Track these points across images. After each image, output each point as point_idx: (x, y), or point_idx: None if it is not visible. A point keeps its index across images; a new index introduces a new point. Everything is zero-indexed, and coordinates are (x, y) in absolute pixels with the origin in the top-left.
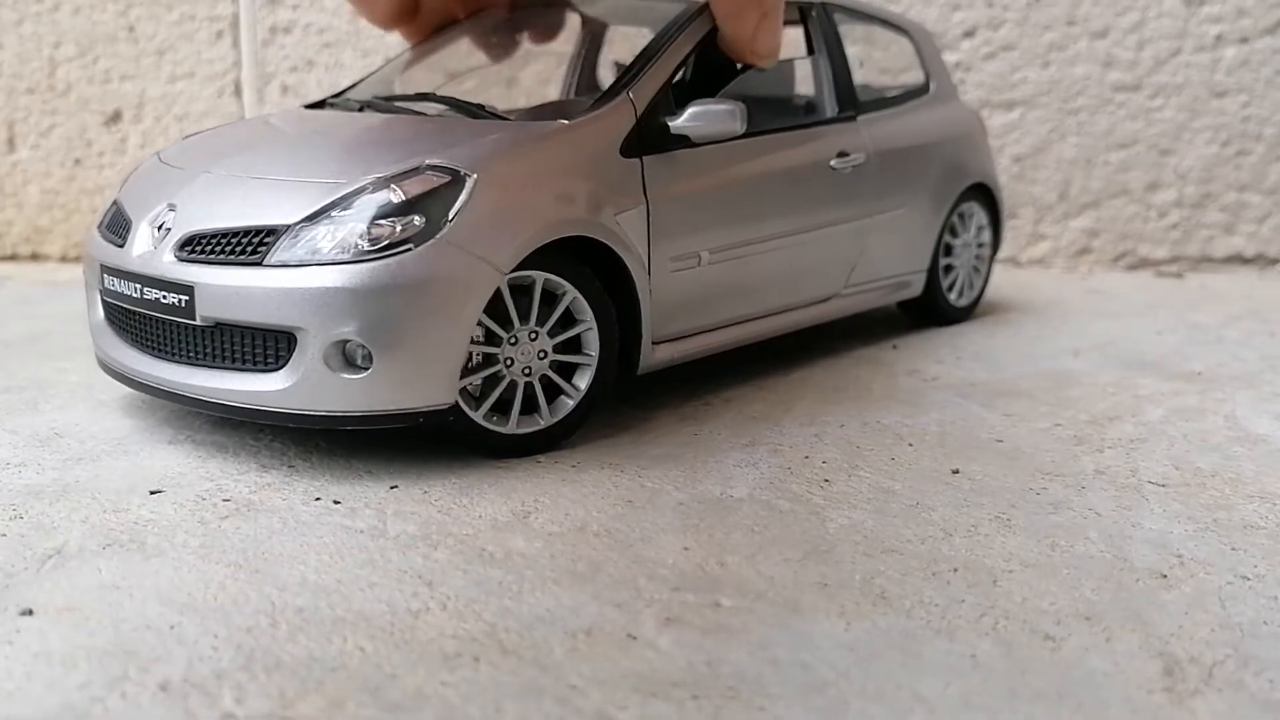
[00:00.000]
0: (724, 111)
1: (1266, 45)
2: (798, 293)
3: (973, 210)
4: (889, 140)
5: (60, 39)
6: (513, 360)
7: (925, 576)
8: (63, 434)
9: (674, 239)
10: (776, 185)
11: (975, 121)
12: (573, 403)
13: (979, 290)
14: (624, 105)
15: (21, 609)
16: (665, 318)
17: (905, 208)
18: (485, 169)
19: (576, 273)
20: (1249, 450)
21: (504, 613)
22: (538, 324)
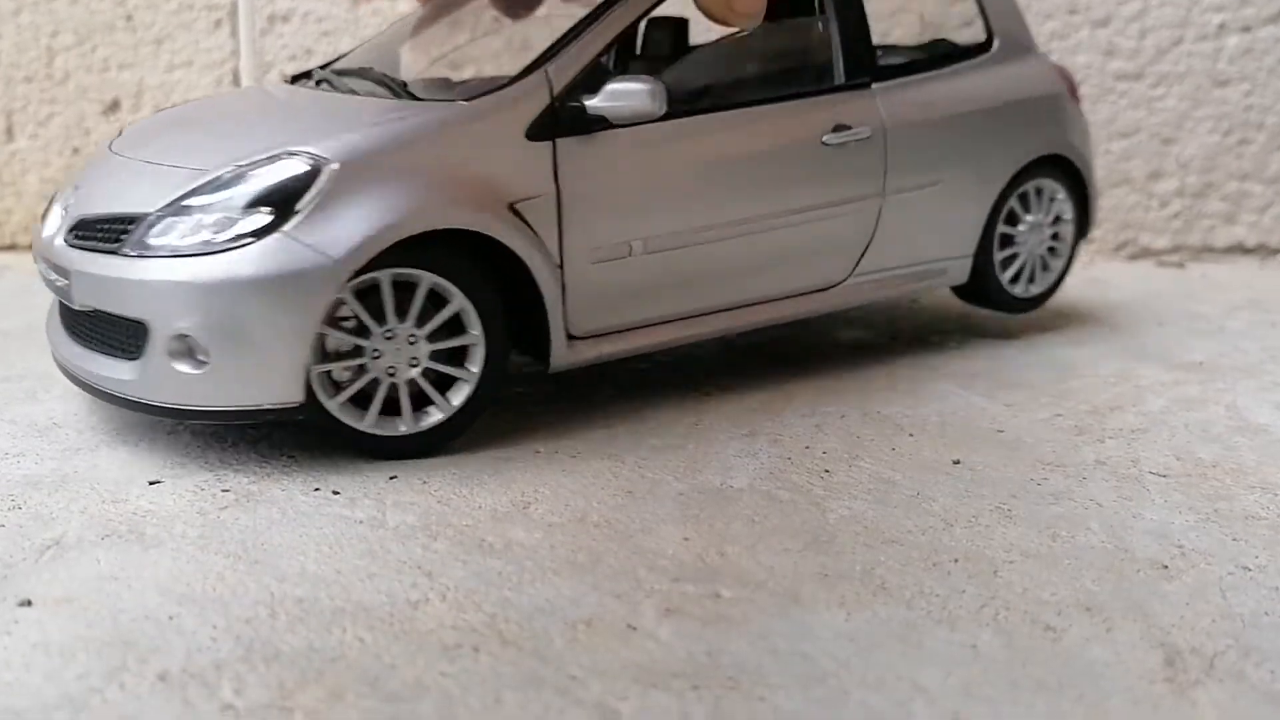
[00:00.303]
0: (639, 91)
1: (1269, 34)
2: (783, 282)
3: (1046, 187)
4: (915, 109)
5: (58, 28)
6: (380, 354)
7: (926, 567)
8: (61, 424)
9: (595, 228)
10: (740, 167)
11: (1054, 84)
12: (441, 416)
13: (1054, 280)
14: (538, 84)
15: (20, 599)
16: (588, 312)
17: (938, 185)
18: (348, 158)
19: (466, 273)
20: (1250, 440)
21: (504, 603)
22: (418, 325)
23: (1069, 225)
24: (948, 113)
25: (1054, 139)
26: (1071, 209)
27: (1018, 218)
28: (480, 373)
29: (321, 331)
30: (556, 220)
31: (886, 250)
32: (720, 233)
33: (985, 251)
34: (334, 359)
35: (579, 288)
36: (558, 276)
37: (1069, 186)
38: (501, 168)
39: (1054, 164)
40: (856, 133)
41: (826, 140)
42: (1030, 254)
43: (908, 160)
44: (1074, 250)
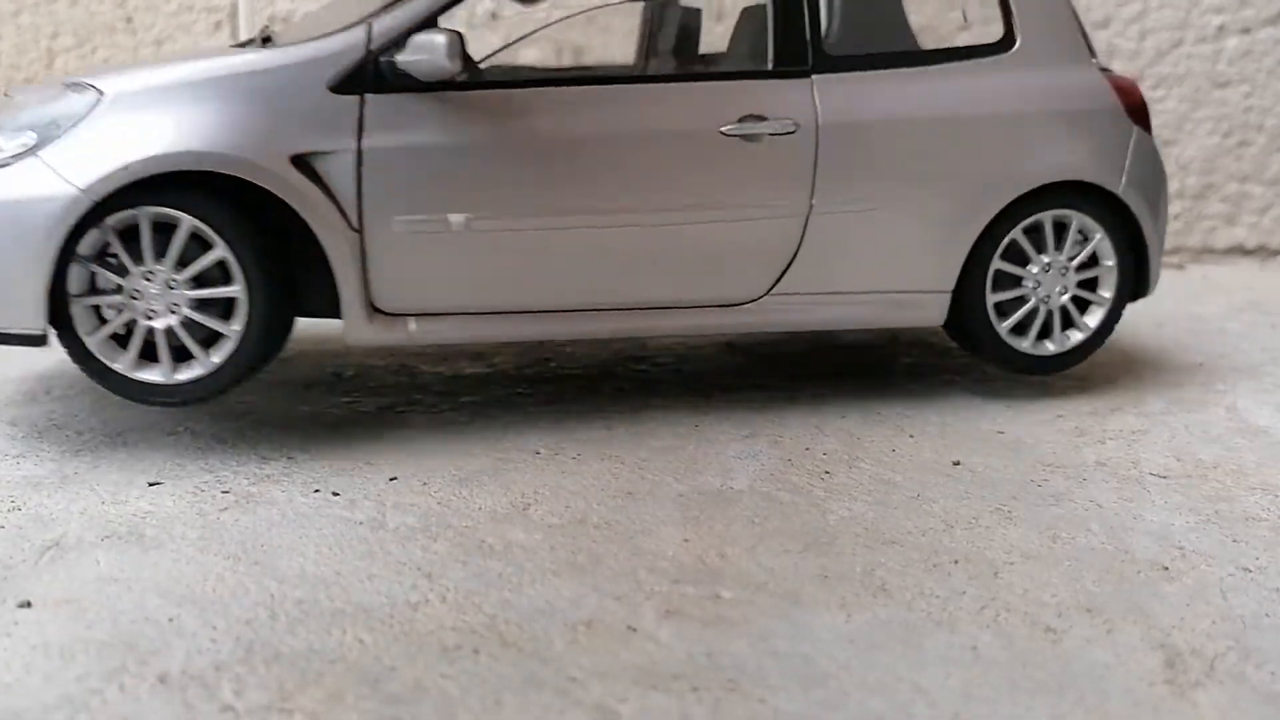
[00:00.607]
0: (435, 44)
1: (1268, 35)
2: (671, 289)
3: (1073, 222)
4: (870, 108)
5: (58, 29)
6: (140, 295)
7: (926, 568)
8: (61, 425)
9: (405, 195)
10: (605, 150)
11: (1100, 99)
12: (200, 370)
13: (1081, 341)
14: (357, 37)
15: (20, 601)
16: (397, 286)
17: (897, 200)
18: (122, 91)
19: (233, 221)
20: (1250, 442)
21: (504, 605)
22: (178, 270)
23: (1111, 274)
24: (919, 116)
25: (1084, 164)
26: (1114, 255)
27: (1034, 254)
28: (243, 330)
29: (86, 264)
30: (355, 180)
31: (820, 270)
32: (576, 221)
33: (972, 290)
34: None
35: (384, 258)
36: (354, 241)
37: (1114, 227)
38: (293, 119)
39: (1086, 195)
40: (774, 126)
41: (726, 130)
42: (1045, 302)
43: (850, 166)
44: (1117, 308)
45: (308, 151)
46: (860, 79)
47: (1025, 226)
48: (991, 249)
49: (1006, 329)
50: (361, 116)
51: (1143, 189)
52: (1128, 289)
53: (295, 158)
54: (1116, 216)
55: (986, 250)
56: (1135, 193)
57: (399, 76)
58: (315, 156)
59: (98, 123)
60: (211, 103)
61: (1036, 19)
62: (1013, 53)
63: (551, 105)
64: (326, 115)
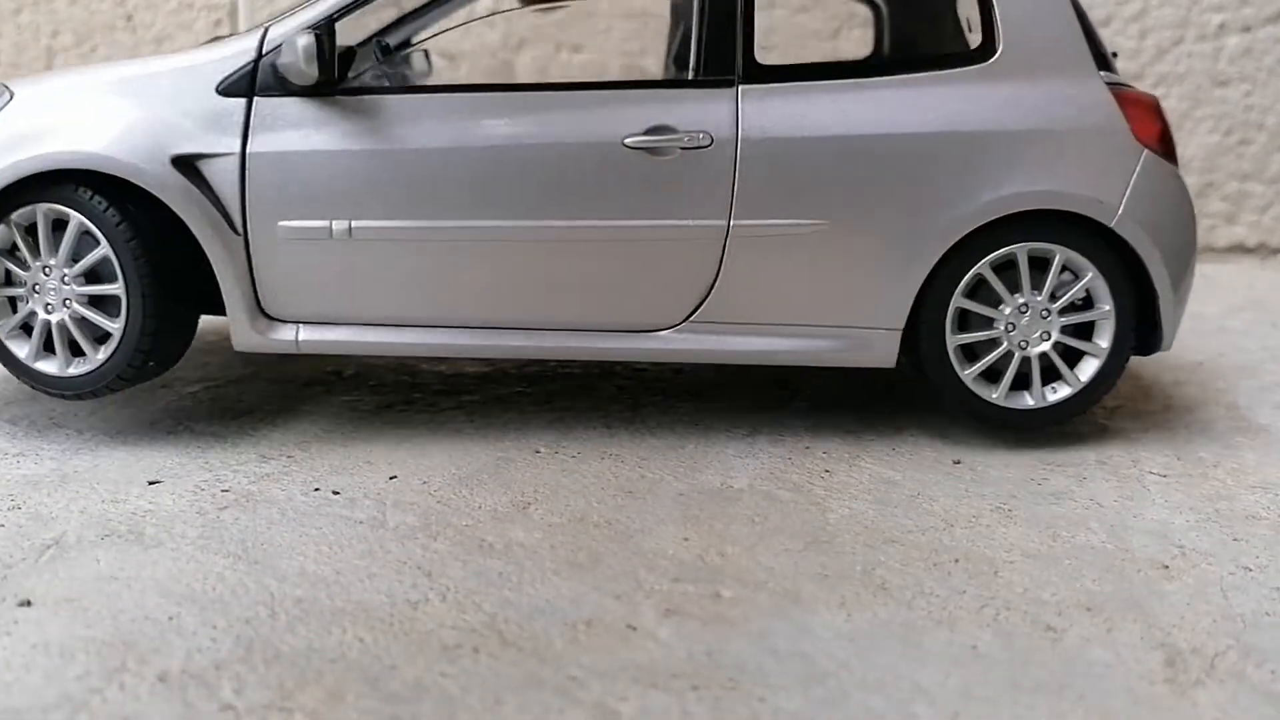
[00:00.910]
0: (294, 47)
1: (1269, 34)
2: (573, 311)
3: (1056, 257)
4: (800, 122)
5: (58, 28)
6: (39, 290)
7: (926, 567)
8: (61, 424)
9: (287, 200)
10: (493, 160)
11: (1102, 117)
12: (88, 366)
13: (1074, 393)
14: (252, 39)
15: (20, 599)
16: (283, 293)
17: (831, 224)
18: (30, 91)
19: (115, 220)
20: (1250, 440)
21: (504, 604)
22: (68, 265)
23: (1107, 322)
24: (860, 133)
25: (1065, 190)
26: (1111, 299)
27: (1009, 294)
28: (123, 327)
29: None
30: (239, 183)
31: (744, 298)
32: (462, 234)
33: (928, 331)
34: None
35: (268, 264)
36: (237, 245)
37: (1111, 266)
38: (181, 120)
39: (1075, 227)
40: (683, 138)
41: (629, 142)
42: (1022, 348)
43: (774, 184)
44: (1116, 361)
45: (191, 153)
46: (797, 89)
47: (997, 260)
48: (947, 283)
49: (972, 376)
50: (248, 120)
51: (1152, 223)
52: (1129, 340)
53: (177, 159)
54: (1115, 254)
55: (947, 286)
56: (1138, 227)
57: (281, 80)
58: (200, 159)
59: (5, 122)
60: (104, 104)
61: (1026, 24)
62: (992, 62)
63: (437, 112)
64: (212, 118)
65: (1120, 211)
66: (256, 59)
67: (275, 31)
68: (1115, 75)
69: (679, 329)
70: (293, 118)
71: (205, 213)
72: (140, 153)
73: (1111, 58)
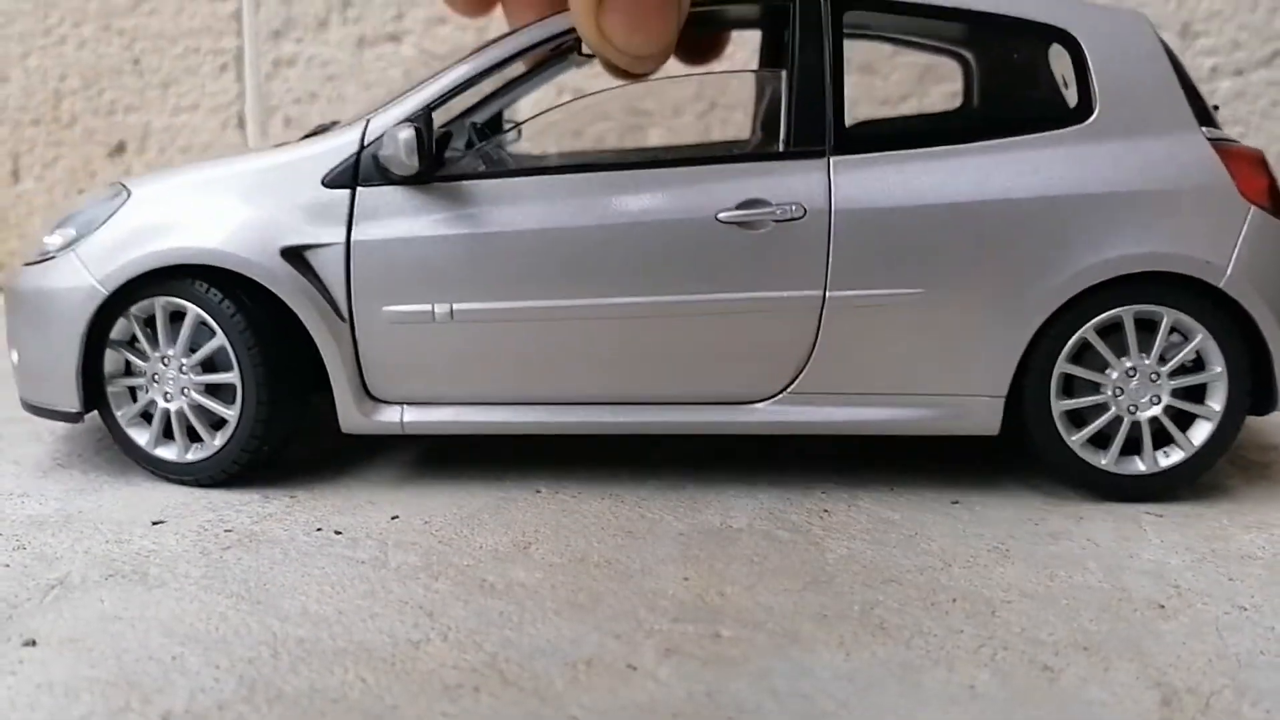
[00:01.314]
0: (395, 140)
1: (1261, 77)
2: (673, 385)
3: (1163, 319)
4: (895, 191)
5: (66, 72)
6: (158, 379)
7: (924, 607)
8: (65, 465)
9: (392, 285)
10: (590, 240)
11: (1205, 175)
12: (207, 453)
13: (1188, 457)
14: (355, 132)
15: (25, 639)
16: (388, 375)
17: (925, 292)
18: (146, 190)
19: (230, 311)
20: (1245, 481)
21: (505, 643)
22: (185, 354)
23: (1220, 382)
24: (956, 199)
25: (1169, 252)
26: (1223, 360)
27: (1113, 358)
28: (239, 412)
29: (115, 349)
30: (345, 272)
31: (842, 368)
32: (563, 313)
33: (1033, 397)
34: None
35: (374, 348)
36: (343, 331)
37: (1222, 327)
38: (289, 213)
39: (1183, 288)
40: (774, 211)
41: (723, 217)
42: (1132, 413)
43: (869, 254)
44: (1230, 423)
45: (300, 245)
46: (889, 158)
47: (1101, 324)
48: (1051, 348)
49: (1080, 442)
50: (352, 210)
51: (1263, 282)
52: (1243, 401)
53: (286, 250)
54: (1225, 314)
55: (1050, 351)
56: (1249, 287)
57: (382, 170)
58: (307, 249)
59: (122, 221)
60: (217, 201)
61: (1123, 82)
62: (1090, 123)
63: (530, 194)
64: (318, 210)
65: (1229, 271)
66: (359, 151)
67: (376, 123)
68: (1218, 130)
69: (777, 400)
70: (394, 206)
71: (313, 301)
72: (251, 246)
73: (1213, 111)
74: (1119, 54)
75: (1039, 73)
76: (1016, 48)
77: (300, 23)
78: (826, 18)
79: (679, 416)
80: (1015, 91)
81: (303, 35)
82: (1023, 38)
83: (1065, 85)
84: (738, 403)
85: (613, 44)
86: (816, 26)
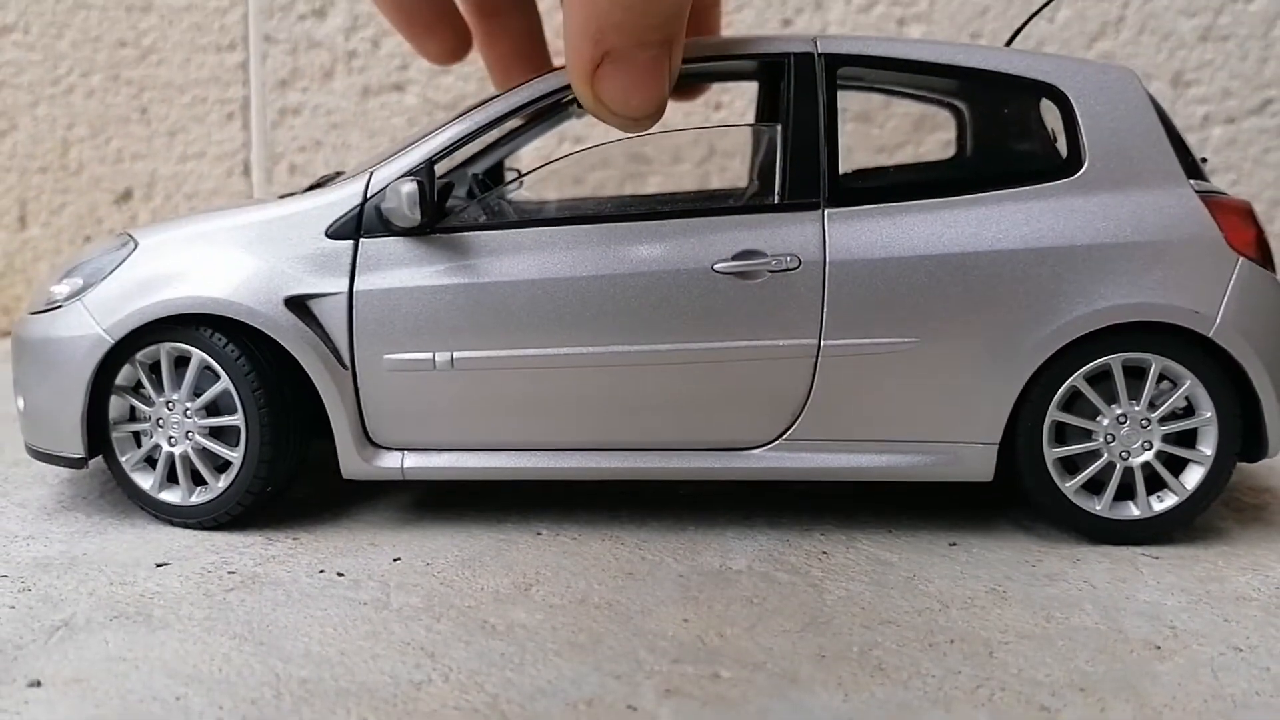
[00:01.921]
0: (398, 193)
1: (1253, 125)
2: (670, 431)
3: (1152, 367)
4: (886, 242)
5: (74, 120)
6: (163, 425)
7: (922, 648)
8: (70, 507)
9: (393, 334)
10: (589, 290)
11: (1193, 227)
12: (209, 496)
13: (1181, 501)
14: (358, 184)
15: (30, 680)
16: (389, 422)
17: (920, 342)
18: (151, 240)
19: (234, 357)
20: (1240, 523)
21: (506, 684)
22: (190, 399)
23: (1210, 428)
24: (949, 251)
25: (1156, 302)
26: (1213, 406)
27: (1104, 405)
28: (243, 456)
29: (120, 395)
30: (347, 321)
31: (837, 415)
32: (562, 362)
33: (1026, 444)
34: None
35: (375, 395)
36: (345, 379)
37: (1210, 373)
38: (293, 264)
39: (1175, 336)
40: (771, 262)
41: (719, 268)
42: (1124, 459)
43: (863, 304)
44: (1221, 467)
45: (303, 294)
46: (883, 210)
47: (1091, 372)
48: (1042, 396)
49: (1073, 488)
50: (355, 260)
51: (1252, 331)
52: (1234, 446)
53: (290, 300)
54: (1214, 361)
55: (1042, 399)
56: (1238, 336)
57: (385, 222)
58: (311, 299)
59: (129, 271)
60: (222, 252)
61: (1111, 136)
62: (1079, 176)
63: (530, 245)
64: (322, 260)
65: (1219, 321)
66: (362, 203)
67: (379, 175)
68: (1206, 183)
69: (773, 447)
70: (396, 256)
71: (315, 349)
72: (257, 296)
73: (1201, 164)
74: (1108, 109)
75: (1029, 126)
76: (1007, 102)
77: (306, 73)
78: (821, 73)
79: (676, 463)
80: (1006, 145)
81: (308, 85)
82: (1012, 92)
83: (1055, 139)
84: (734, 449)
85: (608, 108)
86: (811, 81)
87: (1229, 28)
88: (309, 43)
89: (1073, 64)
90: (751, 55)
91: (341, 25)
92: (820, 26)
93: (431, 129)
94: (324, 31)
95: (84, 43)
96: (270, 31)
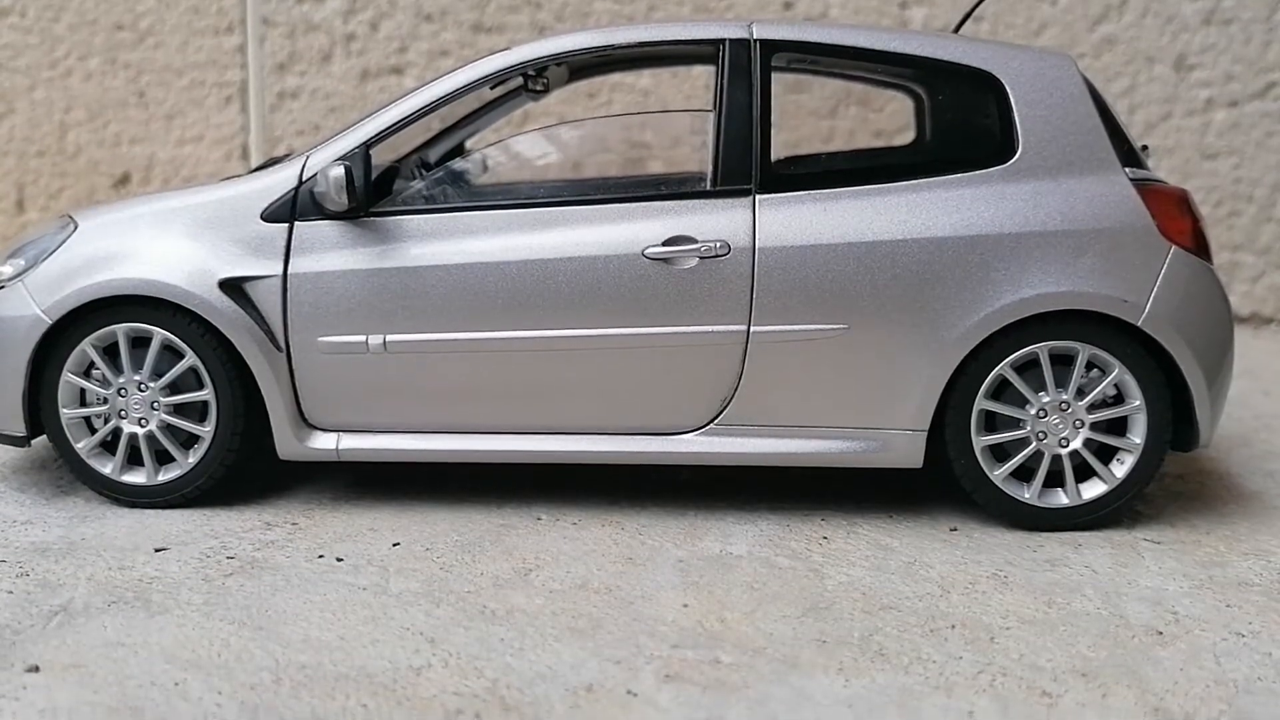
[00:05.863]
0: (327, 177)
1: (1256, 109)
2: (602, 416)
3: (1079, 355)
4: (816, 229)
5: (71, 104)
6: (125, 412)
7: (923, 633)
8: (69, 492)
9: (325, 320)
10: (520, 275)
11: (1126, 216)
12: (179, 472)
13: (1110, 490)
14: (295, 167)
15: (28, 665)
16: (324, 404)
17: (849, 329)
18: (91, 222)
19: (198, 335)
20: (1242, 508)
21: (505, 669)
22: (153, 379)
23: (1140, 416)
24: (879, 238)
25: (1085, 290)
26: (1141, 394)
27: (1033, 393)
28: (213, 430)
29: (70, 379)
30: (281, 304)
31: (767, 401)
32: (493, 346)
33: (955, 432)
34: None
35: (309, 377)
36: (280, 361)
37: (1139, 362)
38: (228, 246)
39: (1104, 325)
40: (700, 248)
41: (650, 253)
42: (1053, 447)
43: (792, 291)
44: (1151, 456)
45: (238, 276)
46: (813, 197)
47: (1019, 361)
48: (970, 384)
49: (1002, 476)
50: (289, 243)
51: (1182, 321)
52: (1164, 435)
53: (224, 282)
54: (1143, 350)
55: (970, 387)
56: (1168, 325)
57: (318, 205)
58: (245, 281)
59: (67, 252)
60: (157, 233)
61: (1045, 123)
62: (1012, 163)
63: (463, 229)
64: (257, 243)
65: (1148, 309)
66: (297, 187)
67: (314, 159)
68: (1144, 170)
69: (704, 431)
70: (329, 240)
71: (250, 331)
72: (191, 278)
73: (1141, 151)
74: (1043, 96)
75: (964, 114)
76: (942, 90)
77: (305, 56)
78: (755, 59)
79: (608, 446)
80: (940, 131)
81: (307, 68)
82: (948, 79)
83: (990, 125)
84: (665, 433)
85: None
86: (745, 68)
87: (1232, 11)
88: (307, 26)
89: (1009, 50)
90: (687, 41)
91: (340, 8)
92: (821, 10)
93: (372, 111)
94: (322, 14)
95: (81, 26)
96: (268, 14)
